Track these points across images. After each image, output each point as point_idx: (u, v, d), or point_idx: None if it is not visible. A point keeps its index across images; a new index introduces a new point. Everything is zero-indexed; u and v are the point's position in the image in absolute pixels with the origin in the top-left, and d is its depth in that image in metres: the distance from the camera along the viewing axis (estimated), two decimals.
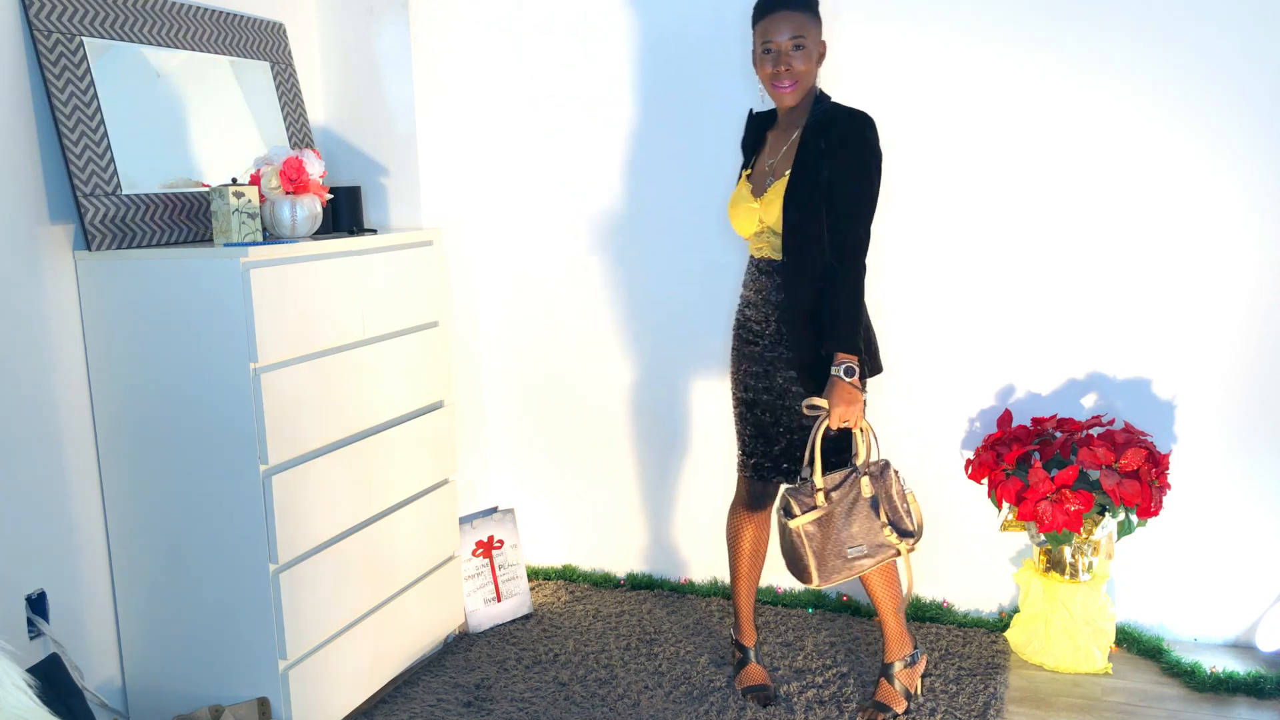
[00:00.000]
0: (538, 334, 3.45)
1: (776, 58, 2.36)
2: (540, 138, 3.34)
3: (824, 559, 2.36)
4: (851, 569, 2.37)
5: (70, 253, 2.34)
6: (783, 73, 2.36)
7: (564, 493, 3.51)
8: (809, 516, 2.35)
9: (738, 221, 2.51)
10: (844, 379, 2.30)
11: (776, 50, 2.35)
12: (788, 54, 2.35)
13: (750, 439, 2.55)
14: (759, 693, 2.67)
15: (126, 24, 2.45)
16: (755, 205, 2.44)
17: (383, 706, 2.71)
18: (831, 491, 2.36)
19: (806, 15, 2.36)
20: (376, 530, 2.67)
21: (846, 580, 2.39)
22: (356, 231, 2.78)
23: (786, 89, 2.38)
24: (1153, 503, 2.64)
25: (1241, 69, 2.69)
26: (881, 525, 2.36)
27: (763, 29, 2.38)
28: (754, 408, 2.53)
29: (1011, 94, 2.86)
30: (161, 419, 2.34)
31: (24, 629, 2.24)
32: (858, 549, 2.36)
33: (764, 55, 2.38)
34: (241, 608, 2.35)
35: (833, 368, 2.31)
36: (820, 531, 2.36)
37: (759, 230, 2.46)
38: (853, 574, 2.38)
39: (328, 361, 2.47)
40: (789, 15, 2.34)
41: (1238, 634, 2.90)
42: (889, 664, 2.59)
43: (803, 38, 2.34)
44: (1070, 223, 2.87)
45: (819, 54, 2.41)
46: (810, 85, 2.42)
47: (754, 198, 2.46)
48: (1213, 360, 2.82)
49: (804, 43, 2.35)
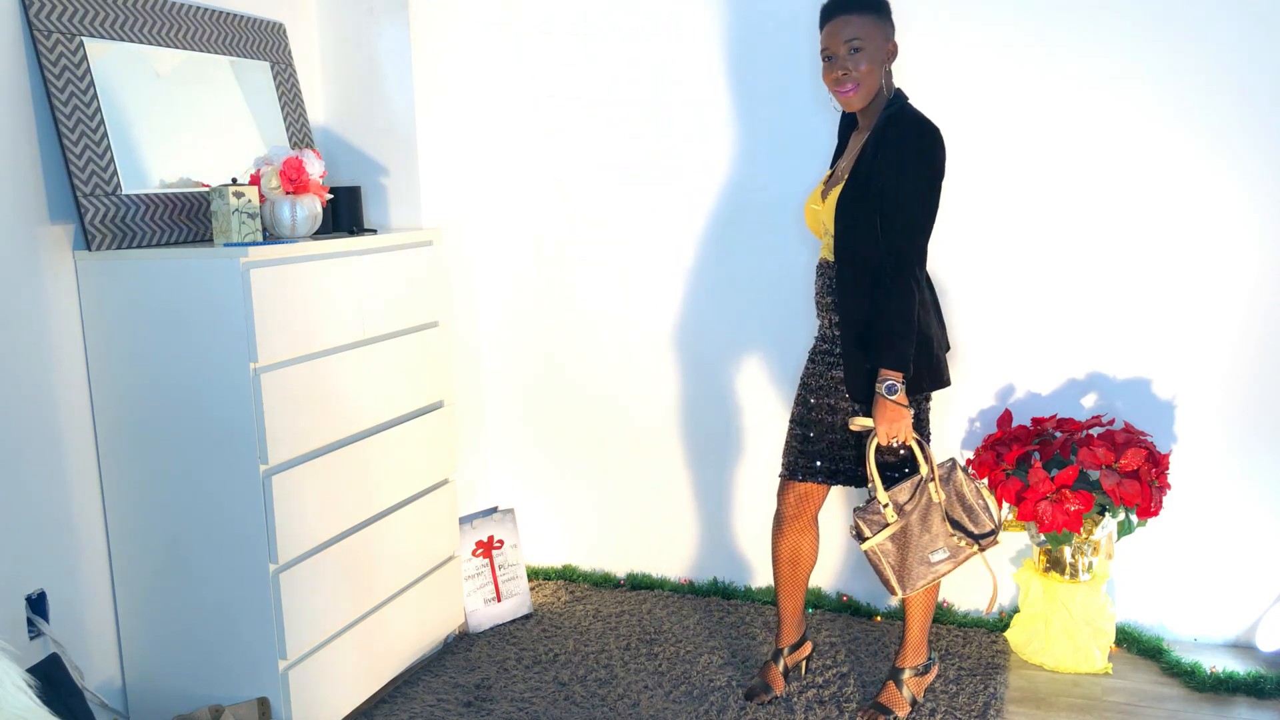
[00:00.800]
0: (538, 334, 3.45)
1: (835, 63, 2.34)
2: (540, 138, 3.34)
3: (906, 569, 2.38)
4: (935, 572, 2.39)
5: (70, 253, 2.34)
6: (840, 77, 2.33)
7: (564, 493, 3.51)
8: (883, 535, 2.37)
9: (809, 221, 2.52)
10: (886, 397, 2.28)
11: (835, 55, 2.34)
12: (844, 58, 2.32)
13: (793, 437, 2.55)
14: (751, 686, 2.68)
15: (126, 24, 2.45)
16: (819, 207, 2.45)
17: (383, 706, 2.71)
18: (905, 504, 2.37)
19: (867, 16, 2.32)
20: (376, 530, 2.67)
21: (931, 583, 2.41)
22: (356, 231, 2.78)
23: (847, 92, 2.35)
24: (1153, 503, 2.64)
25: (1242, 69, 2.69)
26: (949, 533, 2.38)
27: (824, 35, 2.36)
28: (803, 405, 2.53)
29: (1010, 94, 2.86)
30: (161, 419, 2.34)
31: (24, 629, 2.24)
32: (939, 552, 2.39)
33: (826, 62, 2.37)
34: (241, 608, 2.35)
35: (876, 383, 2.31)
36: (897, 547, 2.38)
37: (824, 231, 2.46)
38: (936, 577, 2.40)
39: (328, 361, 2.47)
40: (846, 19, 2.32)
41: (1238, 634, 2.90)
42: (901, 669, 2.59)
43: (859, 39, 2.31)
44: (1070, 223, 2.87)
45: (887, 54, 2.35)
46: (875, 87, 2.35)
47: (821, 199, 2.45)
48: (1213, 360, 2.82)
49: (861, 44, 2.31)
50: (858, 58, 2.32)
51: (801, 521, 2.56)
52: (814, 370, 2.51)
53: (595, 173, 3.29)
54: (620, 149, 3.26)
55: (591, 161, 3.30)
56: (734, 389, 3.25)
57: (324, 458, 2.47)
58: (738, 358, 3.21)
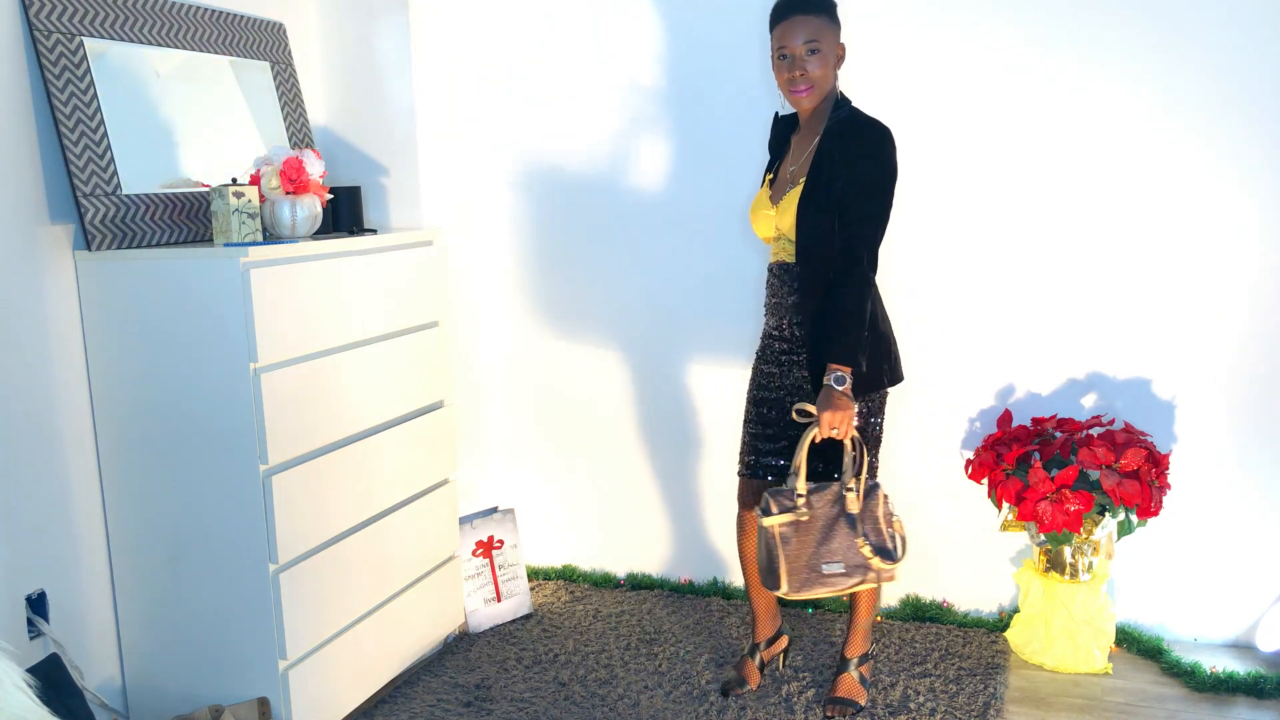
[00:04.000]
0: (537, 334, 3.45)
1: (791, 63, 2.34)
2: (540, 138, 3.33)
3: (796, 569, 2.31)
4: (825, 585, 2.31)
5: (70, 253, 2.34)
6: (798, 78, 2.35)
7: (564, 493, 3.51)
8: (783, 518, 2.32)
9: (757, 226, 2.53)
10: (835, 388, 2.27)
11: (791, 55, 2.34)
12: (802, 59, 2.33)
13: (752, 436, 2.56)
14: (726, 680, 2.71)
15: (126, 24, 2.45)
16: (772, 212, 2.46)
17: (383, 706, 2.71)
18: (811, 496, 2.34)
19: (822, 19, 2.34)
20: (376, 530, 2.67)
21: (820, 596, 2.34)
22: (356, 231, 2.78)
23: (802, 93, 2.36)
24: (1153, 503, 2.64)
25: (1242, 68, 2.69)
26: (860, 542, 2.32)
27: (779, 34, 2.36)
28: (762, 405, 2.54)
29: (1010, 95, 2.86)
30: (161, 419, 2.34)
31: (24, 629, 2.24)
32: (834, 565, 2.31)
33: (780, 61, 2.37)
34: (241, 608, 2.35)
35: (825, 375, 2.30)
36: (797, 538, 2.32)
37: (776, 236, 2.47)
38: (826, 591, 2.32)
39: (328, 361, 2.47)
40: (804, 20, 2.32)
41: (1238, 634, 2.90)
42: (850, 659, 2.63)
43: (817, 42, 2.32)
44: (1070, 223, 2.87)
45: (837, 57, 2.39)
46: (828, 89, 2.40)
47: (772, 204, 2.46)
48: (1213, 360, 2.82)
49: (819, 47, 2.33)
50: (814, 59, 2.33)
51: None
52: (772, 372, 2.53)
53: (595, 173, 3.29)
54: (619, 149, 3.26)
55: (591, 162, 3.29)
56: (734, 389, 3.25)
57: (324, 458, 2.47)
58: (737, 357, 3.21)
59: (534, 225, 3.40)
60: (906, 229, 2.99)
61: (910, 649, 2.91)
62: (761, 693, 2.70)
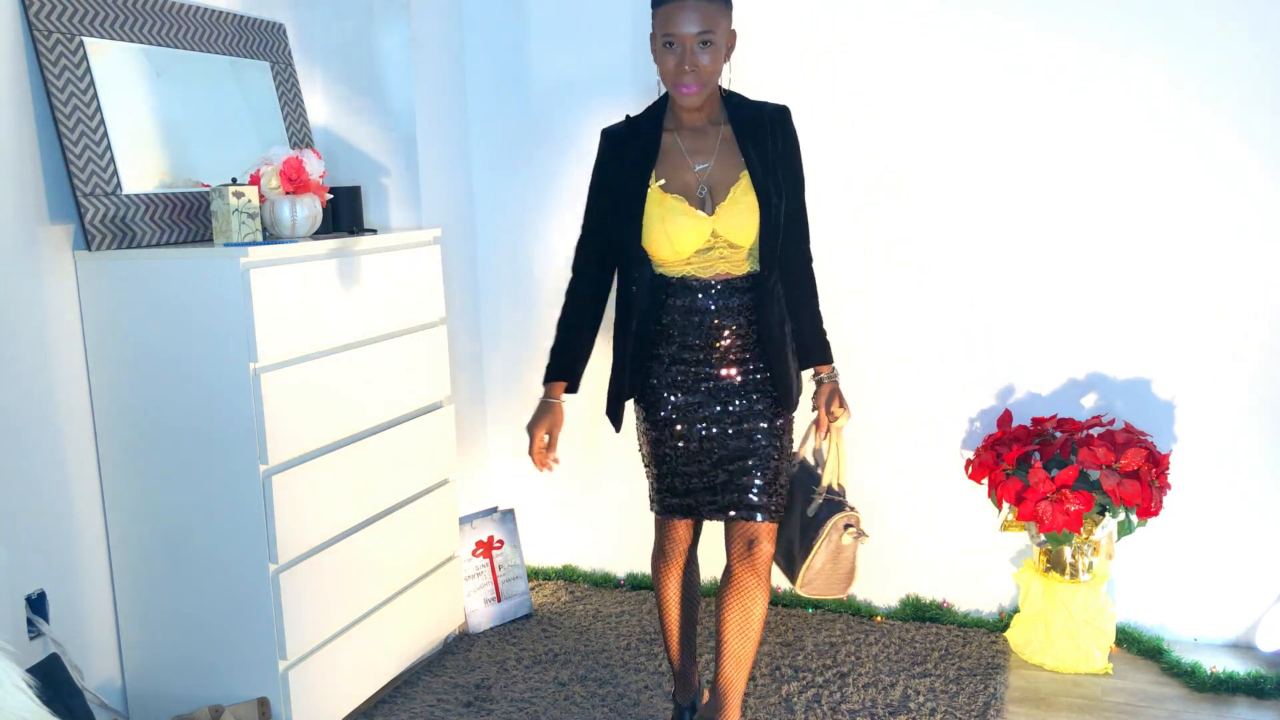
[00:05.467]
0: (538, 334, 3.45)
1: (681, 55, 2.01)
2: (540, 137, 3.33)
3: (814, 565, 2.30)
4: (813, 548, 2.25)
5: (70, 253, 2.34)
6: (687, 72, 2.01)
7: (564, 493, 3.51)
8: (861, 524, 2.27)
9: (679, 239, 2.09)
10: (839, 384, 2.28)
11: (681, 45, 2.00)
12: (693, 51, 2.00)
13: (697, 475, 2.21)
14: None
15: (126, 24, 2.45)
16: (706, 217, 2.09)
17: (383, 706, 2.71)
18: None
19: (717, 4, 2.00)
20: (376, 530, 2.67)
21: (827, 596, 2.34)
22: (356, 231, 2.78)
23: (690, 89, 2.03)
24: (1153, 503, 2.64)
25: (1241, 68, 2.69)
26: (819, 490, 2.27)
27: (664, 16, 2.00)
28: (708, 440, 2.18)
29: (1010, 94, 2.86)
30: (161, 419, 2.34)
31: (24, 629, 2.24)
32: None
33: (665, 49, 2.02)
34: (241, 608, 2.35)
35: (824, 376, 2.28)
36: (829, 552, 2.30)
37: (707, 246, 2.10)
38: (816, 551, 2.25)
39: (328, 361, 2.47)
40: (695, 4, 1.97)
41: (1238, 634, 2.90)
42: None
43: (711, 32, 1.99)
44: (1070, 223, 2.87)
45: (729, 47, 2.06)
46: (715, 83, 2.08)
47: (700, 210, 2.10)
48: (1213, 360, 2.82)
49: (713, 38, 1.99)
50: (708, 51, 2.01)
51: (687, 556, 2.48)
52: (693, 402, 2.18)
53: None
54: None
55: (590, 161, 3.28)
56: None
57: (324, 458, 2.47)
58: None
59: (534, 225, 3.39)
60: (907, 229, 2.99)
61: (910, 649, 2.91)
62: (762, 693, 2.70)
